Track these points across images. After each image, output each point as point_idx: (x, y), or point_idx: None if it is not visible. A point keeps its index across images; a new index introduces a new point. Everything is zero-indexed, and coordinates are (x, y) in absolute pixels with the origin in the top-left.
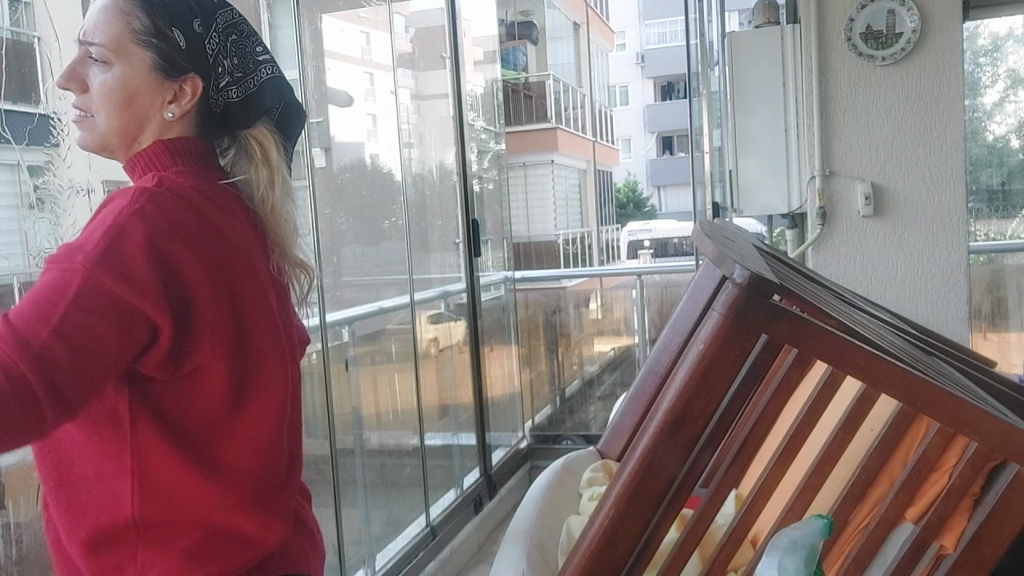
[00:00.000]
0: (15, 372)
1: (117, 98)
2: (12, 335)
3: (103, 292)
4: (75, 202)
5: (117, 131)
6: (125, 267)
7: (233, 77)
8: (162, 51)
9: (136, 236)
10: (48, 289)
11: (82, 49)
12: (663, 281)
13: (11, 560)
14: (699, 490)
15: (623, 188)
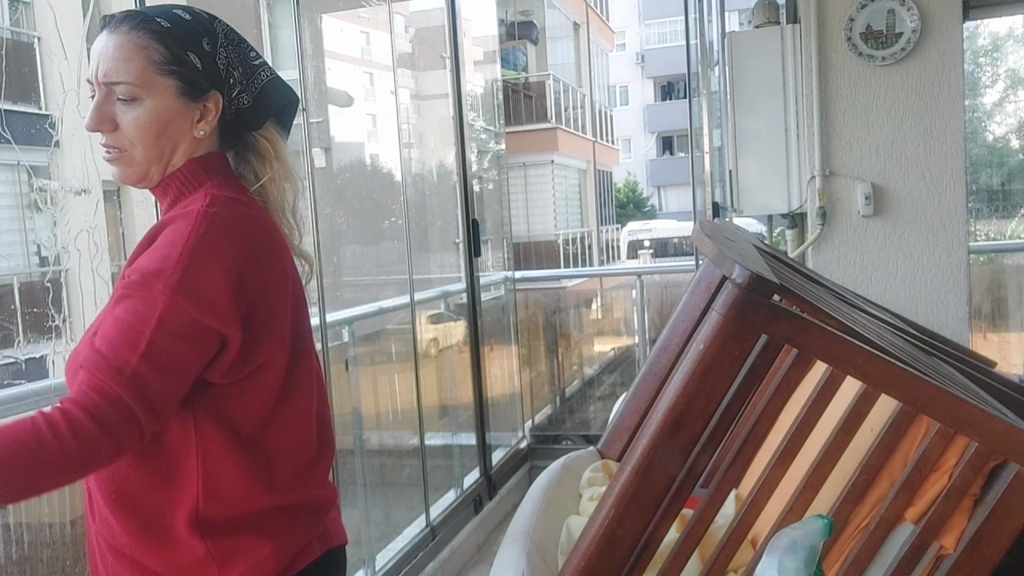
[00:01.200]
0: (115, 397)
1: (153, 130)
2: (106, 363)
3: (183, 317)
4: (74, 202)
5: (155, 160)
6: (200, 292)
7: (242, 85)
8: (184, 76)
9: (207, 260)
10: (133, 316)
11: (103, 90)
12: (663, 281)
13: (11, 560)
14: (699, 490)
15: (623, 188)
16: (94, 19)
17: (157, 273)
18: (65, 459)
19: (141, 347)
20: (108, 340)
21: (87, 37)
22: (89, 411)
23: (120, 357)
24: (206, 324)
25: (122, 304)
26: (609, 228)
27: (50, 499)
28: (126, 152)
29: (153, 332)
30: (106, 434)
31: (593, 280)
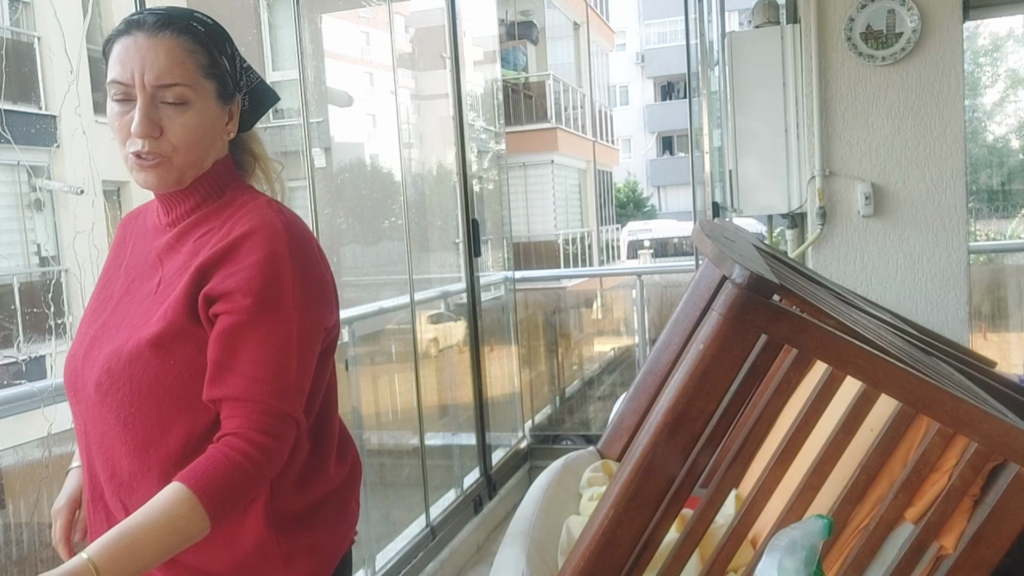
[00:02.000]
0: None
1: (199, 134)
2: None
3: (314, 327)
4: (74, 202)
5: (194, 163)
6: (320, 299)
7: (246, 88)
8: (220, 79)
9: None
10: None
11: (150, 93)
12: (663, 281)
13: (11, 560)
14: (699, 490)
15: (623, 188)
16: (94, 19)
17: (279, 293)
18: (262, 478)
19: (293, 365)
20: (263, 364)
21: (87, 37)
22: (268, 433)
23: (281, 379)
24: (327, 324)
25: (257, 328)
26: (609, 228)
27: (51, 499)
28: (167, 158)
29: (298, 348)
30: (282, 443)
31: (593, 280)
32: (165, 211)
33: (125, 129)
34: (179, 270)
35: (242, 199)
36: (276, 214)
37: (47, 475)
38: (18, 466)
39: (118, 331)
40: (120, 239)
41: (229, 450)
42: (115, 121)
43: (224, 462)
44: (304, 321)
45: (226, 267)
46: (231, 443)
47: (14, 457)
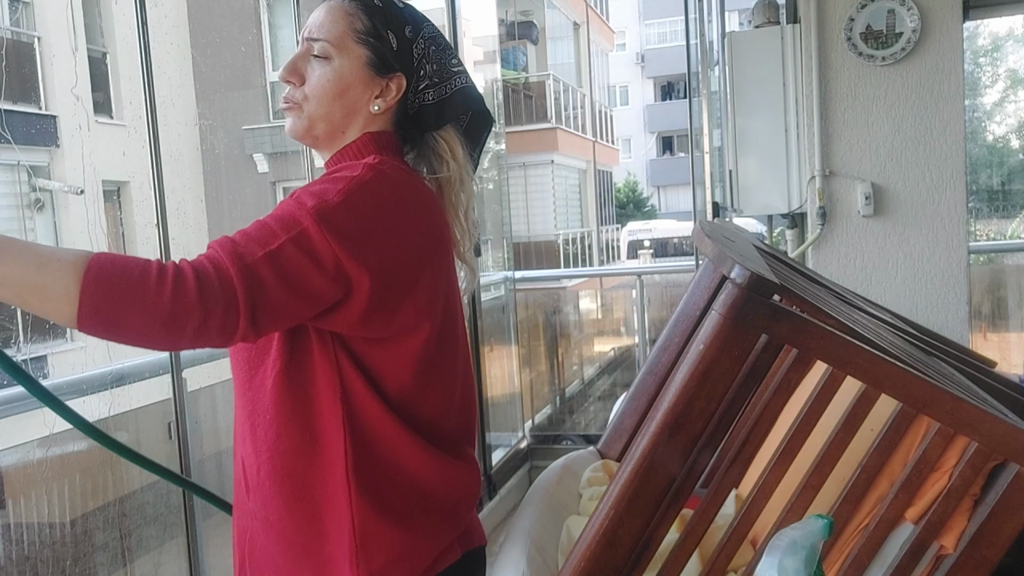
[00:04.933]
0: (227, 275)
1: (331, 89)
2: (232, 247)
3: (320, 244)
4: (74, 202)
5: (324, 118)
6: (345, 227)
7: (431, 81)
8: (377, 49)
9: (361, 203)
10: (276, 221)
11: (305, 45)
12: (663, 281)
13: (12, 560)
14: (699, 490)
15: (623, 188)
16: (93, 19)
17: (313, 197)
18: (154, 304)
19: (271, 247)
20: (244, 232)
21: (87, 37)
22: (198, 275)
23: (247, 247)
24: (338, 259)
25: (274, 212)
26: (609, 228)
27: (50, 499)
28: (298, 105)
29: (287, 241)
30: (201, 302)
31: (593, 280)
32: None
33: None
34: None
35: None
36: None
37: (47, 475)
38: (19, 466)
39: None
40: None
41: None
42: None
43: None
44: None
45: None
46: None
47: (14, 457)
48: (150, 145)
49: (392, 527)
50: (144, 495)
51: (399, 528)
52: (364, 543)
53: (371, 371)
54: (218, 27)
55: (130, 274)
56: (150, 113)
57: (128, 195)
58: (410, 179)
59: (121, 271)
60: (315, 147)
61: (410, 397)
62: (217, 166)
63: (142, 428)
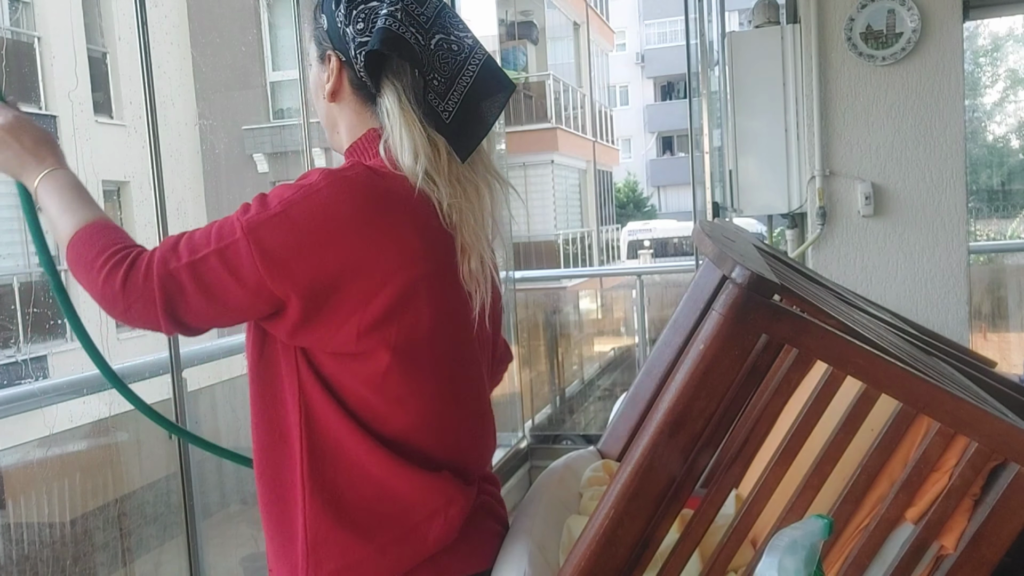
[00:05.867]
0: (150, 276)
1: (312, 95)
2: (169, 249)
3: (244, 259)
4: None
5: (327, 128)
6: (275, 246)
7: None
8: (316, 38)
9: (302, 217)
10: (218, 228)
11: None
12: (663, 281)
13: (12, 560)
14: (699, 490)
15: (623, 188)
16: (93, 19)
17: (257, 206)
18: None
19: (197, 256)
20: (191, 233)
21: (87, 37)
22: (132, 267)
23: (179, 252)
24: (261, 276)
25: (227, 216)
26: (609, 228)
27: (50, 499)
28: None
29: (214, 252)
30: (124, 292)
31: (593, 280)
32: None
33: None
34: None
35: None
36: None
37: (47, 475)
38: (19, 466)
39: None
40: None
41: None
42: None
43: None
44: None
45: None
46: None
47: (15, 457)
48: (150, 145)
49: (347, 534)
50: (144, 495)
51: (354, 536)
52: (315, 547)
53: (329, 380)
54: (218, 27)
55: (92, 246)
56: (150, 113)
57: (128, 195)
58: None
59: (90, 240)
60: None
61: (373, 412)
62: (217, 166)
63: (142, 428)
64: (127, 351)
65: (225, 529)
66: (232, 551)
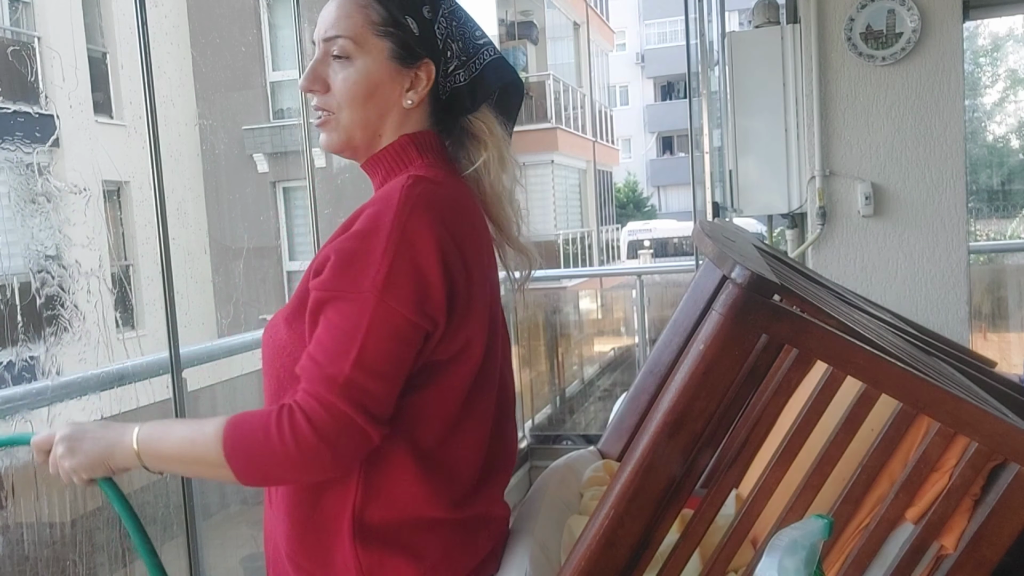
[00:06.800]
0: (331, 406)
1: (361, 91)
2: (320, 372)
3: (395, 318)
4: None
5: (360, 124)
6: (409, 288)
7: (460, 60)
8: (398, 39)
9: (411, 252)
10: (344, 320)
11: (322, 48)
12: (663, 281)
13: (11, 560)
14: (699, 490)
15: (623, 188)
16: (93, 19)
17: (363, 270)
18: (284, 458)
19: (353, 354)
20: (323, 347)
21: (87, 37)
22: (309, 419)
23: (334, 365)
24: (416, 322)
25: (332, 307)
26: (609, 228)
27: (50, 499)
28: (333, 115)
29: (365, 337)
30: (324, 443)
31: (593, 280)
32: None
33: None
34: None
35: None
36: (405, 189)
37: (47, 475)
38: (19, 466)
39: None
40: None
41: (274, 414)
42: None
43: (263, 420)
44: (380, 308)
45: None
46: (280, 410)
47: (14, 457)
48: (150, 145)
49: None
50: (144, 495)
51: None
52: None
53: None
54: (218, 27)
55: (256, 437)
56: (150, 113)
57: (128, 195)
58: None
59: (249, 436)
60: (354, 157)
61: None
62: (217, 166)
63: None
64: (127, 350)
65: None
66: (232, 551)
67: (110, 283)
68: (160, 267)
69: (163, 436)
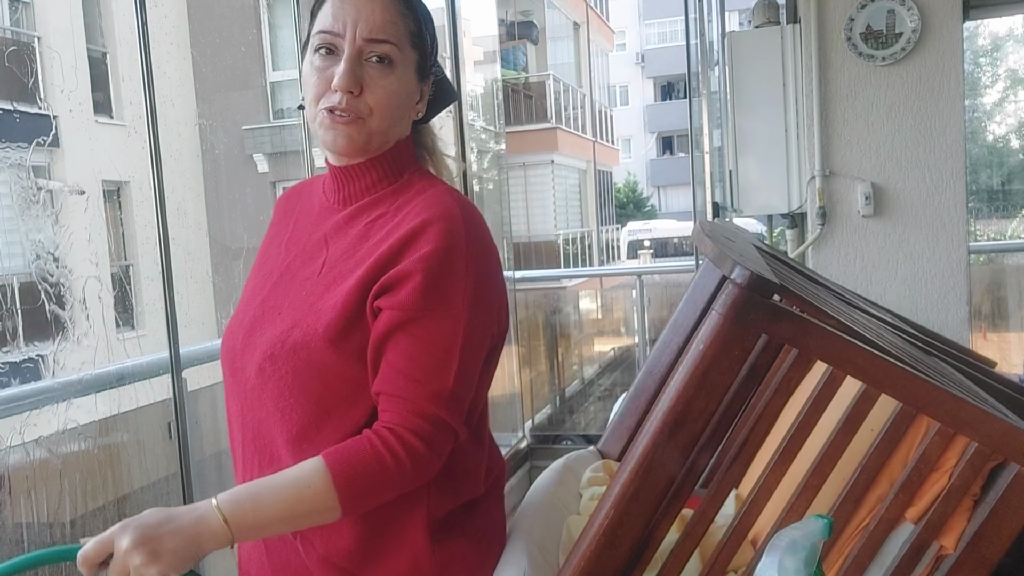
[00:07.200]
0: (437, 418)
1: (398, 101)
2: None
3: (482, 330)
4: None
5: (383, 132)
6: (491, 301)
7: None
8: (423, 52)
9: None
10: (441, 337)
11: (360, 47)
12: (663, 281)
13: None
14: (699, 490)
15: (623, 188)
16: (94, 19)
17: (452, 287)
18: (401, 479)
19: (454, 367)
20: (418, 364)
21: (87, 37)
22: (420, 436)
23: (438, 380)
24: (496, 331)
25: (421, 325)
26: (609, 228)
27: (50, 499)
28: (361, 119)
29: (461, 350)
30: (434, 453)
31: (593, 280)
32: (336, 187)
33: (324, 83)
34: (346, 253)
35: (420, 184)
36: (456, 203)
37: (47, 475)
38: (19, 466)
39: (280, 313)
40: (282, 214)
41: (378, 440)
42: (313, 76)
43: (369, 450)
44: (471, 323)
45: (402, 259)
46: (382, 434)
47: (14, 457)
48: (150, 145)
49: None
50: (144, 495)
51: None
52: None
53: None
54: (218, 27)
55: (371, 471)
56: (150, 113)
57: (128, 195)
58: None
59: (363, 473)
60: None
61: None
62: (217, 166)
63: (142, 428)
64: (127, 351)
65: None
66: (232, 551)
67: (110, 283)
68: (160, 267)
69: (256, 505)
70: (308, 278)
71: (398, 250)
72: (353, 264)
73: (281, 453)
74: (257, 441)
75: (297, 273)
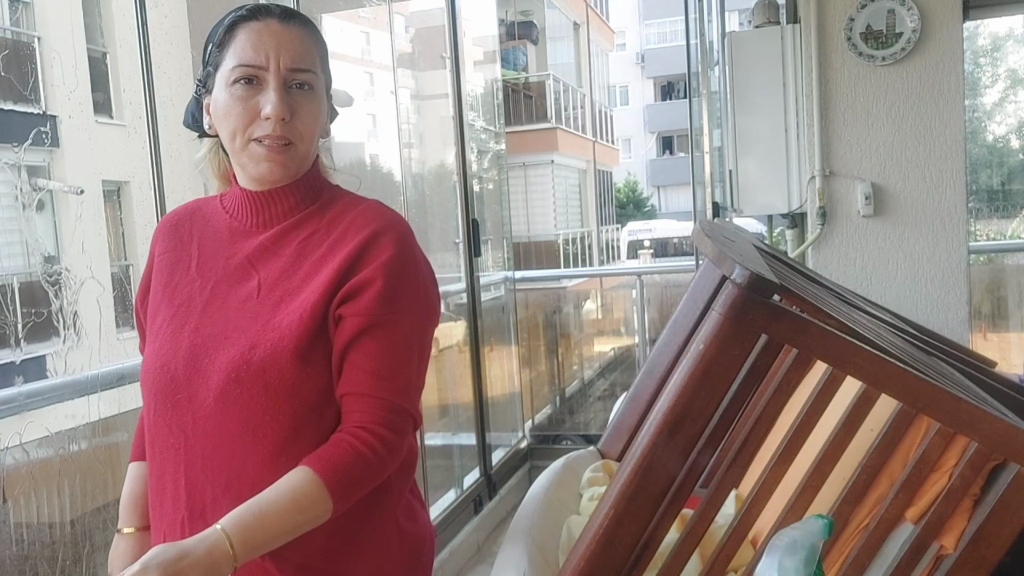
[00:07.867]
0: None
1: (318, 124)
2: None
3: (432, 325)
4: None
5: (307, 156)
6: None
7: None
8: (328, 76)
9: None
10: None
11: (284, 77)
12: (663, 281)
13: (12, 560)
14: (699, 490)
15: (623, 188)
16: (94, 19)
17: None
18: (381, 469)
19: (414, 362)
20: (385, 363)
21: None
22: (390, 427)
23: (402, 376)
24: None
25: (385, 328)
26: (609, 228)
27: (50, 499)
28: (293, 145)
29: (419, 348)
30: (403, 439)
31: (593, 280)
32: (254, 210)
33: (250, 113)
34: (284, 273)
35: (343, 201)
36: (393, 214)
37: (47, 475)
38: (19, 466)
39: (227, 338)
40: (174, 241)
41: (354, 439)
42: (237, 106)
43: (349, 450)
44: (425, 320)
45: (361, 267)
46: (355, 434)
47: (14, 457)
48: (150, 145)
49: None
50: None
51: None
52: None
53: None
54: None
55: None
56: (150, 113)
57: (128, 195)
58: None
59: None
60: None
61: None
62: None
63: None
64: (127, 351)
65: None
66: None
67: (110, 283)
68: None
69: (263, 523)
70: (245, 301)
71: (355, 259)
72: (299, 281)
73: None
74: (214, 468)
75: (228, 298)
